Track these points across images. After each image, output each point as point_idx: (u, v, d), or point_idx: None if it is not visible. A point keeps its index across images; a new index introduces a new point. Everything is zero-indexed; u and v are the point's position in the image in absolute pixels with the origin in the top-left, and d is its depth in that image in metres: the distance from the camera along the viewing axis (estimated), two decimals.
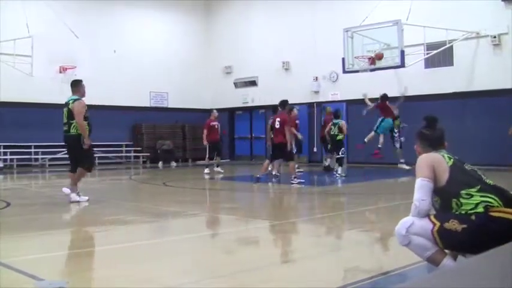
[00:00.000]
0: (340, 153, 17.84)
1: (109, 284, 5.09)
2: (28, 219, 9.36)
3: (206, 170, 19.77)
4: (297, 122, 19.14)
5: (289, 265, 6.11)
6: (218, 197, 14.00)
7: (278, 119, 15.58)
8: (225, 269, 5.75)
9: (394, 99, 20.52)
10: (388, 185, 15.96)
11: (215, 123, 20.65)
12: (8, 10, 23.14)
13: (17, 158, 23.78)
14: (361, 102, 20.92)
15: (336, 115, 18.47)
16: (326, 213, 10.63)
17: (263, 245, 7.58)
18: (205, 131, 20.29)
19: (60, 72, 24.61)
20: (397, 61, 18.99)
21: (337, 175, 17.55)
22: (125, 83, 26.51)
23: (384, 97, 19.70)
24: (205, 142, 20.30)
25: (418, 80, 21.38)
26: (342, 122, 18.27)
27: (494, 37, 19.87)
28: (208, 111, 22.50)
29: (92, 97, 24.82)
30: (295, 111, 18.79)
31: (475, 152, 18.13)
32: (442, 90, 20.93)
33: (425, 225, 4.63)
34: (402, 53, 18.77)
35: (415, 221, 4.66)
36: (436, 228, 4.58)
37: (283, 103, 16.02)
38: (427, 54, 20.18)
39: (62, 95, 23.80)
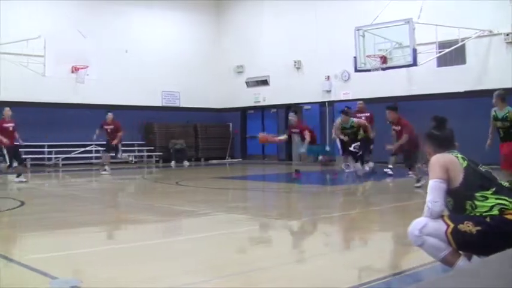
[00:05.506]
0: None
1: (120, 283, 5.10)
2: (41, 218, 9.41)
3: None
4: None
5: (301, 264, 6.11)
6: (230, 196, 14.00)
7: None
8: (235, 268, 5.75)
9: (405, 98, 20.48)
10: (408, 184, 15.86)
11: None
12: (20, 10, 23.25)
13: (30, 158, 23.88)
14: (372, 101, 20.84)
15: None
16: (339, 212, 10.63)
17: (274, 244, 7.58)
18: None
19: (73, 72, 24.70)
20: (409, 60, 18.93)
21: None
22: (137, 83, 26.58)
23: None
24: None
25: (430, 79, 21.28)
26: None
27: (507, 35, 19.74)
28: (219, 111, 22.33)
29: (104, 97, 25.25)
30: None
31: (488, 152, 18.04)
32: (455, 88, 20.80)
33: (439, 226, 4.61)
34: (414, 51, 18.71)
35: (429, 222, 4.64)
36: (450, 229, 4.57)
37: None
38: (439, 52, 20.08)
39: (74, 94, 24.22)
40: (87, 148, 24.63)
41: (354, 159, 17.44)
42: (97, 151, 25.32)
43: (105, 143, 21.12)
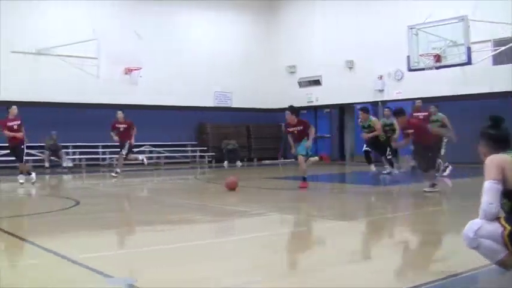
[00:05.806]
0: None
1: (174, 283, 5.13)
2: (96, 218, 9.57)
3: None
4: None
5: (354, 265, 6.05)
6: (283, 196, 13.97)
7: None
8: (289, 269, 5.74)
9: (459, 97, 20.17)
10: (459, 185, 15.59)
11: None
12: (74, 13, 23.67)
13: (85, 158, 24.29)
14: (425, 100, 20.57)
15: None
16: (392, 213, 10.53)
17: (327, 245, 7.53)
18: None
19: (126, 73, 25.07)
20: (464, 58, 18.65)
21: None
22: (189, 83, 26.79)
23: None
24: None
25: (485, 77, 20.91)
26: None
27: None
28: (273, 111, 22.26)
29: (157, 98, 25.54)
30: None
31: None
32: (511, 87, 20.41)
33: (495, 228, 4.53)
34: (468, 49, 18.43)
35: (484, 224, 4.56)
36: (506, 232, 4.48)
37: None
38: (495, 50, 19.73)
39: (128, 95, 24.53)
40: (141, 148, 24.89)
41: (388, 161, 17.13)
42: (150, 151, 25.62)
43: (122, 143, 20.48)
